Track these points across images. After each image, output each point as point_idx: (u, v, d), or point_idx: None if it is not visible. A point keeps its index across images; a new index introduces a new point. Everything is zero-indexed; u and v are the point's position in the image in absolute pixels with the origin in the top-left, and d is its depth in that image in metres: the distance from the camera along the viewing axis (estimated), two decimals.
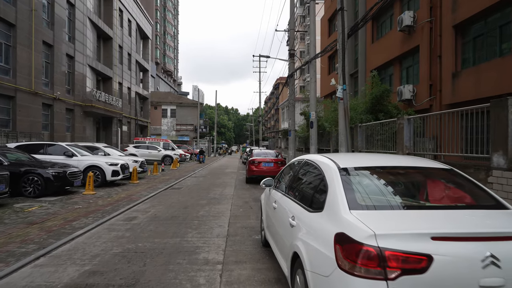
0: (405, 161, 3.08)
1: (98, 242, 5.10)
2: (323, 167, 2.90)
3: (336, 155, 3.33)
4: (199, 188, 12.04)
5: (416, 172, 2.85)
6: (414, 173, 2.84)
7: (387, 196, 2.43)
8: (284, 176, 4.31)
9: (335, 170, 2.67)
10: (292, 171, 3.96)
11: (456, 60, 12.45)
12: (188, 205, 8.43)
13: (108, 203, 8.50)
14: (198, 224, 6.42)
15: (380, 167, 2.87)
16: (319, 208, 2.54)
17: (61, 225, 6.08)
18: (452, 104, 12.04)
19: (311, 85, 12.40)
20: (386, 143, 9.61)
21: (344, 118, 8.76)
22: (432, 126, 7.52)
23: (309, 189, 3.12)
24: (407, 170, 2.87)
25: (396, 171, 2.86)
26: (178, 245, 5.00)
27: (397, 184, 2.74)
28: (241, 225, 6.37)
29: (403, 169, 2.88)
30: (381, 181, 2.70)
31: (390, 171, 2.85)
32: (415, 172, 2.85)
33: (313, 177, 3.12)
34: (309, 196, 2.93)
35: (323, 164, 2.94)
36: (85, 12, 24.98)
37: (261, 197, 5.29)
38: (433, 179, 2.77)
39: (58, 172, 9.34)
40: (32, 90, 18.20)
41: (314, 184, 3.01)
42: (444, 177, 2.78)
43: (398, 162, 3.04)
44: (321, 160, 3.08)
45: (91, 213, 7.20)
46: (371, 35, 19.31)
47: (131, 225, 6.22)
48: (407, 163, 3.00)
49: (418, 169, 2.86)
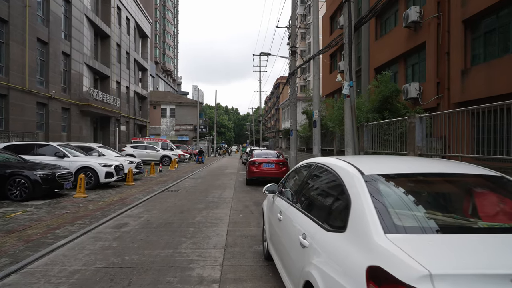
0: (439, 165, 2.50)
1: (81, 255, 4.55)
2: (341, 173, 2.34)
3: (354, 158, 2.78)
4: (197, 190, 11.50)
5: (458, 180, 2.29)
6: (456, 181, 2.28)
7: (430, 213, 1.88)
8: (290, 182, 3.75)
9: (358, 178, 2.12)
10: (300, 176, 3.40)
11: (466, 57, 11.91)
12: (184, 210, 7.88)
13: (99, 207, 7.95)
14: (194, 232, 5.87)
15: (413, 174, 2.31)
16: (340, 227, 1.99)
17: (42, 233, 5.53)
18: (462, 102, 11.51)
19: (314, 83, 11.85)
20: (394, 143, 9.08)
21: (350, 116, 8.21)
22: (440, 126, 7.13)
23: (324, 200, 2.57)
24: (448, 178, 2.31)
25: (433, 179, 2.30)
26: (170, 259, 4.45)
27: (439, 196, 2.19)
28: (240, 233, 5.82)
29: (442, 177, 2.32)
30: (418, 193, 2.15)
31: (426, 179, 2.29)
32: (456, 180, 2.29)
33: (329, 186, 2.57)
34: (325, 209, 2.37)
35: (342, 170, 2.40)
36: (82, 10, 24.43)
37: (263, 203, 4.74)
38: (481, 189, 2.21)
39: (47, 174, 8.79)
40: (25, 88, 17.65)
41: (330, 195, 2.46)
42: (494, 186, 2.23)
43: (431, 167, 2.47)
44: (337, 165, 2.52)
45: (78, 219, 6.65)
46: (375, 32, 18.78)
47: (120, 234, 5.66)
48: (443, 168, 2.43)
49: (460, 176, 2.30)
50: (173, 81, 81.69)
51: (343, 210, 2.07)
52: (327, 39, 24.74)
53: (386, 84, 11.68)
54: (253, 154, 14.39)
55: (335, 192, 2.32)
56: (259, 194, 10.67)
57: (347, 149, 8.58)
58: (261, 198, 9.85)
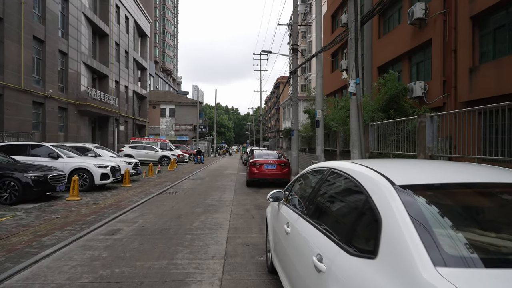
0: (487, 172, 2.03)
1: (66, 267, 4.15)
2: (365, 183, 1.92)
3: (373, 162, 2.35)
4: (196, 192, 11.09)
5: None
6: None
7: (495, 238, 1.47)
8: (298, 189, 3.33)
9: (389, 189, 1.70)
10: (310, 183, 2.99)
11: (474, 54, 11.51)
12: (181, 214, 7.48)
13: (92, 211, 7.55)
14: (191, 239, 5.47)
15: (462, 185, 1.82)
16: (369, 251, 1.59)
17: (28, 241, 5.13)
18: (469, 101, 11.13)
19: (317, 81, 11.45)
20: (401, 144, 8.71)
21: (357, 115, 7.81)
22: (447, 125, 6.92)
23: (343, 214, 2.15)
24: (506, 188, 1.84)
25: (489, 191, 1.84)
26: (164, 271, 4.04)
27: (505, 214, 1.71)
28: (241, 241, 5.41)
29: (499, 187, 1.84)
30: (474, 209, 1.73)
31: (480, 191, 1.83)
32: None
33: (349, 197, 2.16)
34: (346, 226, 1.95)
35: (365, 178, 1.97)
36: (80, 8, 24.02)
37: (267, 210, 4.33)
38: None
39: (38, 176, 8.39)
40: (21, 87, 17.25)
41: (351, 208, 2.04)
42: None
43: (479, 175, 2.00)
44: (358, 171, 2.11)
45: (69, 224, 6.25)
46: (378, 30, 18.38)
47: (112, 241, 5.26)
48: (496, 176, 1.94)
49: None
50: (172, 80, 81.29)
51: (371, 230, 1.66)
52: (329, 37, 24.35)
53: (393, 82, 11.30)
54: (254, 154, 13.98)
55: (358, 205, 1.91)
56: (260, 197, 10.28)
57: (353, 150, 8.18)
58: (263, 201, 9.45)
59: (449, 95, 12.69)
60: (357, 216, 1.87)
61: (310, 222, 2.39)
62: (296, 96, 15.58)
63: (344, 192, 2.27)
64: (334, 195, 2.42)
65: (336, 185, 2.43)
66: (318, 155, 11.87)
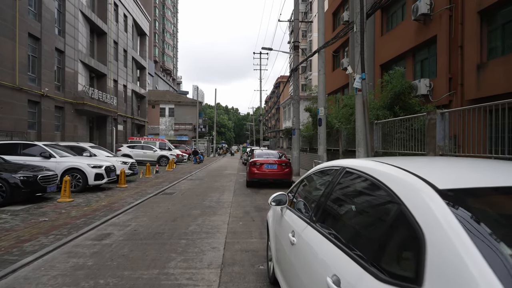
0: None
1: (46, 277, 3.74)
2: (396, 187, 1.49)
3: (397, 160, 1.94)
4: (194, 193, 10.68)
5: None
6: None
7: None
8: (304, 192, 2.91)
9: (432, 196, 1.28)
10: (319, 185, 2.56)
11: (482, 50, 11.11)
12: (177, 217, 7.06)
13: (83, 213, 7.14)
14: (186, 245, 5.05)
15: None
16: (409, 279, 1.16)
17: (8, 247, 4.72)
18: (477, 99, 10.73)
19: (320, 78, 11.05)
20: (407, 143, 8.33)
21: (362, 112, 7.40)
22: (453, 124, 6.74)
23: (367, 226, 1.71)
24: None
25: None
26: (154, 283, 3.63)
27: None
28: (240, 247, 5.00)
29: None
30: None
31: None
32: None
33: (373, 204, 1.74)
34: (370, 241, 1.52)
35: (395, 180, 1.54)
36: (77, 5, 23.62)
37: (268, 214, 3.91)
38: None
39: (27, 177, 7.98)
40: (16, 85, 16.84)
41: (378, 219, 1.61)
42: None
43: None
44: (384, 171, 1.69)
45: (56, 228, 5.84)
46: (380, 27, 17.98)
47: (100, 247, 4.85)
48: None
49: None
50: (172, 80, 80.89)
51: (409, 249, 1.25)
52: (330, 35, 23.87)
53: (398, 79, 10.91)
54: (254, 154, 13.55)
55: (387, 216, 1.49)
56: (260, 198, 9.86)
57: (358, 149, 7.77)
58: (263, 202, 9.04)
59: (455, 93, 12.30)
60: (387, 229, 1.45)
61: (321, 232, 1.98)
62: (297, 94, 15.18)
63: (365, 198, 1.85)
64: (352, 201, 1.98)
65: (353, 189, 2.01)
66: (320, 155, 11.46)
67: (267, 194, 10.65)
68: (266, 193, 10.77)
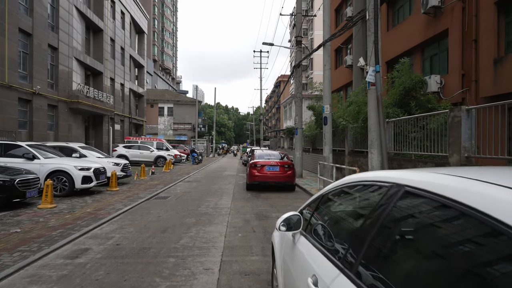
0: None
1: None
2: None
3: (492, 172, 1.15)
4: (190, 197, 9.89)
5: None
6: None
7: None
8: (328, 214, 2.11)
9: None
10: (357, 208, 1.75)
11: (499, 44, 10.34)
12: (168, 227, 6.27)
13: (63, 223, 6.35)
14: (175, 265, 4.26)
15: None
16: None
17: None
18: (494, 96, 9.97)
19: (325, 73, 10.27)
20: (424, 143, 7.55)
21: (376, 109, 6.61)
22: (482, 122, 6.07)
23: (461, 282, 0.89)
24: None
25: None
26: None
27: None
28: (239, 268, 4.20)
29: None
30: None
31: None
32: None
33: (478, 251, 0.92)
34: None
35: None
36: (71, 0, 22.80)
37: (274, 235, 3.10)
38: None
39: (3, 181, 7.20)
40: (5, 83, 16.05)
41: (492, 276, 0.81)
42: None
43: None
44: (493, 196, 0.91)
45: (26, 242, 5.05)
46: (386, 23, 17.20)
47: (71, 268, 4.06)
48: None
49: None
50: (172, 79, 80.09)
51: None
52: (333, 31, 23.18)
53: (407, 74, 10.11)
54: (255, 155, 12.73)
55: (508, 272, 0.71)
56: (261, 203, 9.07)
57: (371, 150, 6.98)
58: (265, 208, 8.25)
59: (468, 90, 11.53)
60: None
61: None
62: (300, 92, 14.41)
63: (457, 239, 1.04)
64: (432, 242, 1.16)
65: (429, 222, 1.19)
66: (326, 156, 10.67)
67: (269, 198, 9.86)
68: (267, 198, 9.98)
